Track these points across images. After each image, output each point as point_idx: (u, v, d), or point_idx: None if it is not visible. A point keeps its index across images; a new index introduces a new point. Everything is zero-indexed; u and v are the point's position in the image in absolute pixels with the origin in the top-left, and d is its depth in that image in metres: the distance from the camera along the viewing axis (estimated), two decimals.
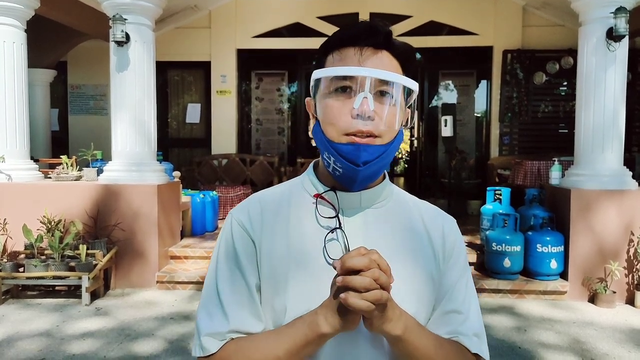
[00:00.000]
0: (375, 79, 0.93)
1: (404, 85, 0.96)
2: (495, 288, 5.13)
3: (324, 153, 0.99)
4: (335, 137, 0.95)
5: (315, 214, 1.02)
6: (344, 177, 0.97)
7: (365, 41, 0.97)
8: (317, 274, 0.97)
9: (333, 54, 0.99)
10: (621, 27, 4.81)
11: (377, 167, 0.97)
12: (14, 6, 5.42)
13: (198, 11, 8.47)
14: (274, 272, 0.98)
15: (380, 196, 1.06)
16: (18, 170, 5.52)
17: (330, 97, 0.97)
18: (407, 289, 0.98)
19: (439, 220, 1.10)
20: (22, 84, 5.61)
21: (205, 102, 8.95)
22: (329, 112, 0.96)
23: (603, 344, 4.02)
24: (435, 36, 8.45)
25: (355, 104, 0.92)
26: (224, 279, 1.00)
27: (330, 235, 1.00)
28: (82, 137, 8.58)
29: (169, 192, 5.63)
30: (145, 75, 5.44)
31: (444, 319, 1.04)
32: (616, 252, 5.02)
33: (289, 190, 1.08)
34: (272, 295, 0.98)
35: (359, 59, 0.96)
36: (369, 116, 0.92)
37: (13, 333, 4.15)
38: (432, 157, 9.12)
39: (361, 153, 0.94)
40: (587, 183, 5.05)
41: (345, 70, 0.94)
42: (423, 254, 1.05)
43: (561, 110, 8.33)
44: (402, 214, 1.07)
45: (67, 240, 4.93)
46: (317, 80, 1.00)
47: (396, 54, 1.00)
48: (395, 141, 0.99)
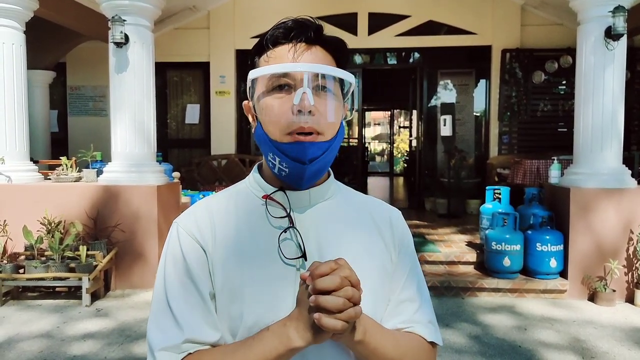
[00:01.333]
0: (312, 74, 0.92)
1: (341, 77, 0.96)
2: (495, 287, 5.13)
3: (269, 154, 0.98)
4: (279, 137, 0.94)
5: (266, 215, 1.01)
6: (290, 177, 0.97)
7: (298, 37, 0.96)
8: (273, 275, 0.96)
9: (267, 53, 0.99)
10: (619, 26, 4.81)
11: (323, 163, 0.97)
12: (13, 8, 5.42)
13: (197, 12, 8.48)
14: (228, 279, 0.96)
15: (328, 192, 1.06)
16: (18, 171, 5.53)
17: (268, 96, 0.96)
18: (363, 287, 0.97)
19: (385, 213, 1.11)
20: (21, 86, 5.61)
21: (204, 102, 8.95)
22: (270, 112, 0.95)
23: (603, 343, 4.03)
24: (433, 36, 8.46)
25: (295, 99, 0.91)
26: (174, 290, 0.96)
27: (284, 235, 0.99)
28: (82, 138, 8.57)
29: (169, 192, 5.63)
30: (144, 76, 5.44)
31: (398, 308, 1.06)
32: (616, 251, 5.02)
33: (235, 194, 1.06)
34: (228, 302, 0.96)
35: (293, 55, 0.95)
36: (309, 111, 0.91)
37: (14, 334, 4.16)
38: (432, 157, 9.12)
39: (307, 151, 0.93)
40: (587, 182, 5.06)
41: (282, 67, 0.93)
42: (375, 248, 1.05)
43: (560, 109, 8.34)
44: (351, 209, 1.08)
45: (67, 242, 4.93)
46: (253, 80, 0.99)
47: (329, 48, 0.99)
48: (338, 136, 0.99)
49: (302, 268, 0.97)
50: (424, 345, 1.05)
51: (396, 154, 19.50)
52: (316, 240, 1.00)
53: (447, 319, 4.48)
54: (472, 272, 5.50)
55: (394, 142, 19.05)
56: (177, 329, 0.94)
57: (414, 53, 9.21)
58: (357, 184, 10.13)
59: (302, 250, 0.97)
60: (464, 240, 6.27)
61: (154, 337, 0.95)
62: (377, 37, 8.48)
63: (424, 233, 6.72)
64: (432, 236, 6.54)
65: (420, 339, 1.05)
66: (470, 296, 5.15)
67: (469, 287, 5.16)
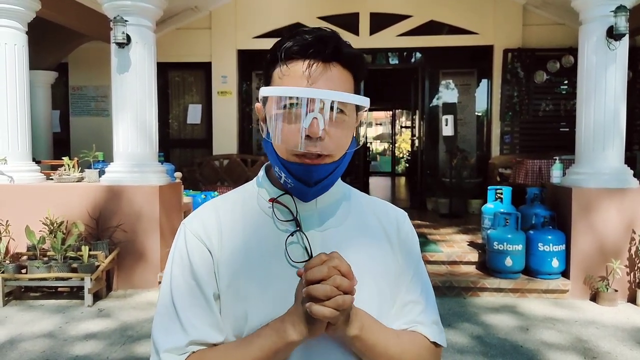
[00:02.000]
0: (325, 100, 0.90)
1: (355, 104, 0.94)
2: (497, 287, 5.13)
3: (275, 167, 0.98)
4: (286, 156, 0.94)
5: (272, 218, 1.01)
6: (295, 191, 0.98)
7: (315, 56, 0.92)
8: (279, 277, 0.96)
9: (281, 69, 0.95)
10: (621, 26, 4.81)
11: (328, 182, 0.98)
12: (15, 8, 5.43)
13: (198, 12, 8.49)
14: (234, 280, 0.97)
15: (335, 195, 1.06)
16: (20, 171, 5.54)
17: (279, 113, 0.93)
18: (370, 290, 0.99)
19: (391, 214, 1.12)
20: (23, 86, 5.62)
21: (206, 102, 8.97)
22: (279, 132, 0.93)
23: (605, 343, 4.02)
24: (435, 35, 8.46)
25: (305, 123, 0.90)
26: (180, 292, 0.97)
27: (291, 238, 0.99)
28: (84, 138, 8.58)
29: (171, 193, 5.64)
30: (146, 77, 5.45)
31: (404, 310, 1.06)
32: (618, 251, 5.02)
33: (242, 196, 1.06)
34: (233, 303, 0.97)
35: (307, 78, 0.92)
36: (319, 137, 0.90)
37: (16, 334, 4.16)
38: (433, 157, 9.12)
39: (312, 174, 0.93)
40: (588, 181, 5.05)
41: (294, 92, 0.91)
42: (381, 250, 1.06)
43: (562, 109, 8.33)
44: (357, 212, 1.08)
45: (70, 242, 4.94)
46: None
47: (347, 65, 0.96)
48: (346, 157, 0.98)
49: None
50: (426, 344, 1.05)
51: (398, 154, 19.50)
52: (322, 243, 0.99)
53: (449, 319, 4.48)
54: (474, 272, 5.50)
55: (395, 142, 19.04)
56: (181, 331, 0.95)
57: (416, 53, 9.21)
58: (358, 184, 10.13)
59: (308, 253, 0.97)
60: (465, 240, 6.27)
61: (159, 338, 0.97)
62: (379, 37, 8.47)
63: (425, 233, 6.72)
64: (434, 236, 6.54)
65: (423, 338, 1.05)
66: (472, 296, 5.14)
67: (471, 287, 5.16)
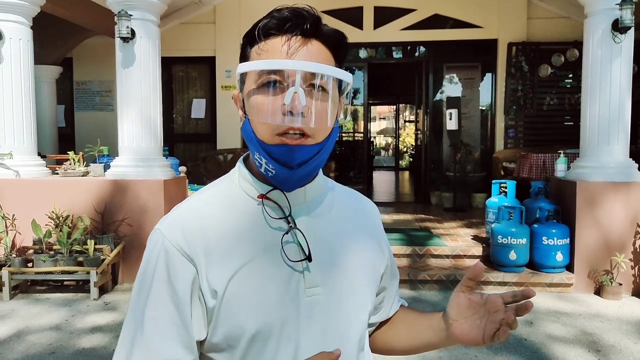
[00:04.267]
0: (306, 72, 0.85)
1: (337, 77, 0.89)
2: (501, 281, 5.14)
3: (255, 154, 0.92)
4: (267, 138, 0.88)
5: (263, 216, 0.94)
6: (277, 179, 0.91)
7: (293, 29, 0.88)
8: (274, 279, 0.91)
9: (259, 44, 0.90)
10: (627, 19, 4.78)
11: (312, 167, 0.91)
12: (20, 3, 5.44)
13: (202, 6, 8.48)
14: (229, 287, 0.88)
15: (321, 188, 1.02)
16: (26, 166, 5.56)
17: (258, 93, 0.88)
18: (364, 291, 1.00)
19: (368, 204, 1.13)
20: (28, 81, 5.64)
21: (210, 97, 8.97)
22: (258, 111, 0.88)
23: (610, 336, 4.03)
24: (439, 29, 8.43)
25: (285, 99, 0.84)
26: (153, 309, 0.89)
27: (286, 237, 0.93)
28: (89, 133, 8.62)
29: (175, 187, 5.66)
30: (151, 71, 5.46)
31: (396, 296, 1.17)
32: (622, 244, 5.01)
33: (223, 194, 0.98)
34: (227, 310, 0.88)
35: (287, 51, 0.87)
36: (301, 112, 0.85)
37: (23, 327, 4.20)
38: (437, 151, 9.11)
39: (295, 155, 0.87)
40: (593, 175, 5.05)
41: (273, 64, 0.85)
42: (369, 244, 1.06)
43: (566, 102, 8.30)
44: (343, 205, 1.06)
45: (75, 236, 4.98)
46: (242, 74, 0.92)
47: (326, 42, 0.91)
48: (330, 138, 0.92)
49: (307, 270, 0.93)
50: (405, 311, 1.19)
51: (402, 148, 19.48)
52: (314, 241, 0.95)
53: None
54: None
55: (399, 136, 19.03)
56: (148, 352, 0.87)
57: (420, 47, 9.18)
58: (362, 178, 10.15)
59: (304, 252, 0.93)
60: (469, 234, 6.27)
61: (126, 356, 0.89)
62: (383, 31, 8.45)
63: (429, 227, 6.73)
64: (438, 230, 6.54)
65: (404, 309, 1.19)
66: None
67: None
